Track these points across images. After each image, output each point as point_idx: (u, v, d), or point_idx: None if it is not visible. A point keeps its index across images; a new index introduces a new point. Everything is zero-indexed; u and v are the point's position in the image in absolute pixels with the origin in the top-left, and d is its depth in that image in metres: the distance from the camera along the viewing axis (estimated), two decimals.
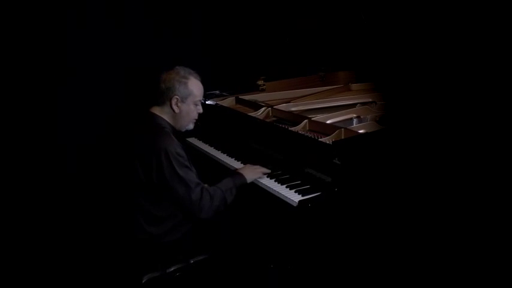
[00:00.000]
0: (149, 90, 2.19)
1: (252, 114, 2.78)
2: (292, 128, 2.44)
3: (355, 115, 2.63)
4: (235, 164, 2.50)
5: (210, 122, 3.05)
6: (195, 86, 2.12)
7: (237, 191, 2.15)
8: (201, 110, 2.18)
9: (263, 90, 3.27)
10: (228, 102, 3.12)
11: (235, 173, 2.25)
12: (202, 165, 2.17)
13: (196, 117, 2.19)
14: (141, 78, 3.14)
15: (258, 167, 2.26)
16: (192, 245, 2.13)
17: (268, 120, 2.74)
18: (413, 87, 2.30)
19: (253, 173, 2.23)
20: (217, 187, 2.11)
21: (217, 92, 3.23)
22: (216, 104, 3.06)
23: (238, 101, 3.13)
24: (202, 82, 2.19)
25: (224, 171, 2.53)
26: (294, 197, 2.04)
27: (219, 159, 2.62)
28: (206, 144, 2.87)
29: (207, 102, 3.07)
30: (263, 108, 2.81)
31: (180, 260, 2.06)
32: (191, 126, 2.20)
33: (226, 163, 2.54)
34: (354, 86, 3.16)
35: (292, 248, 2.29)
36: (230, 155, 2.62)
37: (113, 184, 2.68)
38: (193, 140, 2.96)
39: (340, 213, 2.01)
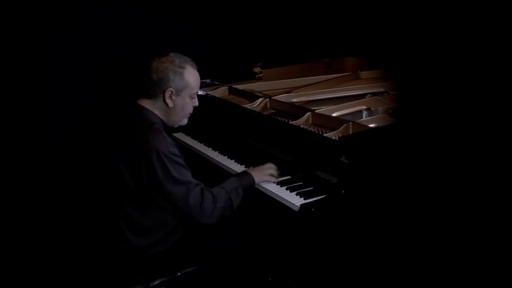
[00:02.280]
0: (136, 80, 2.17)
1: (248, 106, 2.77)
2: (293, 122, 2.44)
3: (364, 107, 2.63)
4: (228, 163, 2.50)
5: (200, 115, 3.03)
6: (191, 77, 2.08)
7: (245, 193, 2.13)
8: (197, 104, 2.16)
9: (260, 79, 3.27)
10: (220, 92, 3.12)
11: (242, 172, 2.23)
12: (190, 164, 2.16)
13: (191, 112, 2.17)
14: (125, 65, 3.15)
15: (268, 167, 2.23)
16: (180, 255, 2.12)
17: (265, 112, 2.74)
18: (433, 74, 2.30)
19: (263, 175, 2.20)
20: (220, 187, 2.09)
21: (207, 80, 3.22)
22: (207, 94, 3.06)
23: (232, 91, 3.12)
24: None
25: (216, 171, 2.53)
26: (295, 200, 2.04)
27: (210, 157, 2.62)
28: (195, 140, 2.86)
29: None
30: (260, 99, 2.81)
31: (167, 273, 2.05)
32: (185, 122, 2.18)
33: (218, 162, 2.55)
34: (364, 74, 3.16)
35: (293, 259, 2.29)
36: (222, 153, 2.62)
37: (92, 190, 2.66)
38: (180, 136, 2.96)
39: (348, 219, 2.01)
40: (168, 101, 2.06)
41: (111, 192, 2.08)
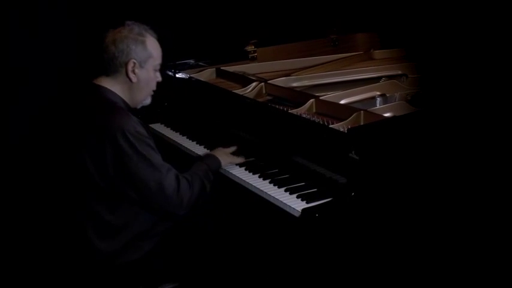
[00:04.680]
0: (90, 57, 2.21)
1: (239, 91, 2.77)
2: (294, 111, 2.44)
3: (378, 93, 2.63)
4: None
5: (182, 103, 3.05)
6: (153, 46, 2.16)
7: (215, 177, 2.23)
8: (160, 78, 2.23)
9: (254, 59, 3.28)
10: (207, 75, 3.12)
11: (206, 155, 2.37)
12: (171, 162, 2.16)
13: (155, 88, 2.24)
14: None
15: (231, 149, 2.42)
16: (156, 268, 2.12)
17: (261, 99, 2.74)
18: (461, 53, 2.30)
19: (228, 156, 2.37)
20: (193, 171, 2.18)
21: (191, 61, 3.23)
22: (190, 77, 3.06)
23: (220, 73, 3.12)
24: (169, 48, 2.22)
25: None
26: (295, 204, 2.03)
27: (194, 153, 2.62)
28: (176, 132, 2.87)
29: (177, 76, 3.06)
30: (254, 84, 2.81)
31: None
32: (148, 101, 2.25)
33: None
34: (378, 54, 3.17)
35: (293, 274, 2.28)
36: (209, 148, 2.61)
37: (49, 186, 2.66)
38: (158, 127, 2.96)
39: (359, 227, 2.01)
40: (131, 75, 2.11)
41: (72, 186, 2.10)
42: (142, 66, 2.12)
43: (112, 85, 2.13)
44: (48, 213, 2.76)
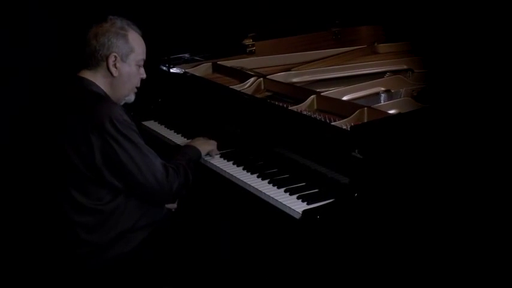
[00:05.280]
0: (72, 55, 2.24)
1: (237, 87, 2.77)
2: (294, 107, 2.44)
3: (383, 88, 2.64)
4: (214, 159, 2.49)
5: (177, 99, 3.04)
6: (136, 41, 2.22)
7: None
8: (144, 75, 2.28)
9: (252, 53, 3.28)
10: (203, 70, 3.12)
11: (184, 146, 2.46)
12: (164, 159, 2.17)
13: (139, 85, 2.28)
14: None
15: (211, 141, 2.50)
16: (146, 269, 2.13)
17: (259, 95, 2.74)
18: (470, 47, 2.30)
19: (207, 145, 2.47)
20: (176, 160, 2.27)
21: (186, 55, 3.23)
22: (185, 72, 3.06)
23: (217, 68, 3.12)
24: (163, 40, 2.21)
25: (197, 169, 2.52)
26: (296, 205, 2.03)
27: None
28: (171, 130, 2.87)
29: (172, 71, 3.06)
30: (252, 79, 2.81)
31: None
32: (132, 98, 2.30)
33: (202, 157, 2.51)
34: (382, 47, 3.17)
35: (293, 278, 2.28)
36: None
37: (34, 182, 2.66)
38: (152, 125, 2.96)
39: (363, 230, 2.01)
40: (113, 69, 2.17)
41: (56, 177, 2.13)
42: (124, 60, 2.18)
43: (94, 78, 2.18)
44: (32, 205, 2.77)
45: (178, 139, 2.76)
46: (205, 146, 2.45)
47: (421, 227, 2.10)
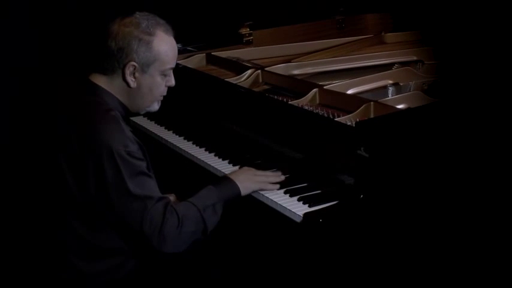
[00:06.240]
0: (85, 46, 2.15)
1: (233, 79, 2.77)
2: (295, 102, 2.44)
3: (391, 81, 2.64)
4: (206, 158, 2.50)
5: (168, 93, 3.04)
6: (164, 46, 2.04)
7: (224, 208, 2.07)
8: (172, 83, 2.14)
9: (249, 44, 3.28)
10: (196, 61, 3.12)
11: (223, 178, 2.18)
12: (154, 159, 2.14)
13: (165, 93, 2.14)
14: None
15: (261, 172, 2.21)
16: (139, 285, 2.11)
17: (257, 89, 2.74)
18: (484, 37, 2.30)
19: (253, 182, 2.16)
20: (191, 202, 2.03)
21: (178, 45, 3.18)
22: (177, 64, 2.97)
23: (211, 59, 3.12)
24: None
25: (189, 169, 2.54)
26: (296, 207, 2.03)
27: (182, 150, 2.62)
28: (161, 127, 2.87)
29: None
30: (249, 71, 2.81)
31: None
32: (155, 107, 2.14)
33: (193, 156, 2.55)
34: (390, 37, 3.18)
35: (294, 285, 2.29)
36: (198, 144, 2.62)
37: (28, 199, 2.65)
38: (141, 121, 2.96)
39: (368, 233, 2.01)
40: (130, 79, 2.01)
41: (53, 201, 2.05)
42: (144, 70, 2.01)
43: (109, 86, 2.03)
44: (24, 229, 2.73)
45: (170, 136, 2.75)
46: (250, 184, 2.13)
47: (433, 232, 2.10)
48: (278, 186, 2.17)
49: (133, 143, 1.96)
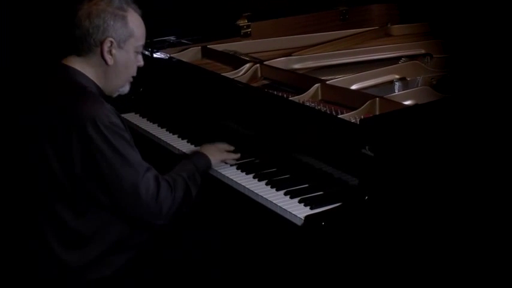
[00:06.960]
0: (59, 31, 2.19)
1: (230, 74, 2.78)
2: (296, 98, 2.44)
3: (397, 76, 2.64)
4: None
5: (161, 88, 3.04)
6: (136, 23, 2.16)
7: (202, 180, 2.23)
8: (141, 63, 2.24)
9: (247, 36, 3.29)
10: (191, 55, 3.13)
11: (194, 153, 2.40)
12: (147, 158, 2.16)
13: (135, 74, 2.24)
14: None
15: (225, 145, 2.44)
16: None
17: (255, 84, 2.74)
18: (496, 30, 2.30)
19: (220, 154, 2.39)
20: (175, 173, 2.19)
21: (172, 38, 3.24)
22: (170, 57, 3.06)
23: (207, 53, 3.13)
24: (145, 21, 2.21)
25: None
26: (297, 210, 2.03)
27: (176, 148, 2.63)
28: (154, 124, 2.88)
29: (155, 56, 3.06)
30: (247, 65, 2.82)
31: None
32: (126, 89, 2.26)
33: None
34: (396, 29, 3.19)
35: None
36: (193, 142, 2.63)
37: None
38: (132, 118, 2.96)
39: (373, 237, 2.01)
40: (107, 56, 2.11)
41: (34, 187, 2.09)
42: (120, 46, 2.12)
43: (84, 67, 2.13)
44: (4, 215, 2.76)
45: (163, 134, 2.76)
46: (218, 155, 2.38)
47: (441, 235, 2.10)
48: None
49: (115, 116, 2.05)
